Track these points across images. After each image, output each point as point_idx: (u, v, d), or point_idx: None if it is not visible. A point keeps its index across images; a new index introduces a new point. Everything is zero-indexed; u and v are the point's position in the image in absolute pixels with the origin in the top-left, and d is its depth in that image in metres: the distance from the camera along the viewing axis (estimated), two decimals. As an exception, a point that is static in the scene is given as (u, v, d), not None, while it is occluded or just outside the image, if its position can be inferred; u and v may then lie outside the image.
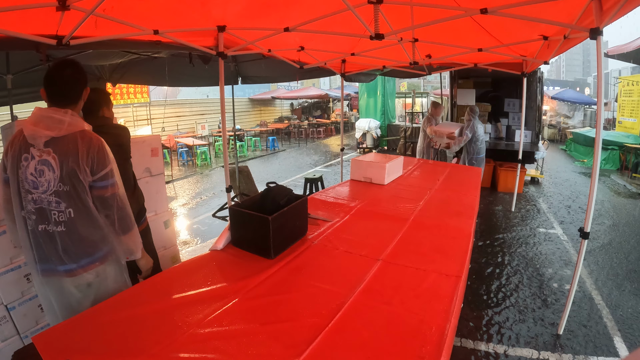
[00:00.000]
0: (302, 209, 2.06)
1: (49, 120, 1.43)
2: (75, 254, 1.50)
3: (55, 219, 1.47)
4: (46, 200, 1.45)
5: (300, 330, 1.25)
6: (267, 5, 2.76)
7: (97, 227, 1.54)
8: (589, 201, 2.30)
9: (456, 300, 1.45)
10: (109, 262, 1.61)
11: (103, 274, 1.59)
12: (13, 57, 3.34)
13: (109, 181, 1.52)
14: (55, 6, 1.94)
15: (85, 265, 1.53)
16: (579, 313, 2.88)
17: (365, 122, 11.77)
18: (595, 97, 7.87)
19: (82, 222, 1.50)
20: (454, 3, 2.57)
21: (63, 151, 1.43)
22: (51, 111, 1.45)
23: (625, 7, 1.89)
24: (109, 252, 1.60)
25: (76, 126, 1.47)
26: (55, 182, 1.44)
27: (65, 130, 1.43)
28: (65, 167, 1.43)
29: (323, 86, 26.16)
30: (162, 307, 1.38)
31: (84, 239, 1.51)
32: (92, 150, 1.47)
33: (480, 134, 5.44)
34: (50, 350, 1.14)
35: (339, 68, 5.12)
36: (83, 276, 1.53)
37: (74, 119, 1.47)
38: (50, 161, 1.43)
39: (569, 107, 15.57)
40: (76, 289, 1.53)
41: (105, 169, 1.50)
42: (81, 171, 1.44)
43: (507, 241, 4.42)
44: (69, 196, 1.46)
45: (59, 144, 1.43)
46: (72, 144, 1.44)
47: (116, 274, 1.66)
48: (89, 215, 1.51)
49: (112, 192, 1.53)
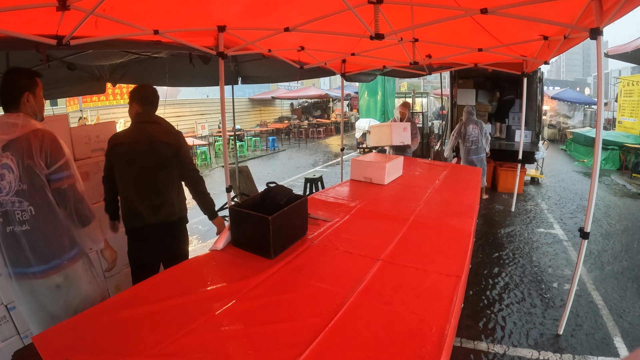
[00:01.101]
0: (302, 209, 2.06)
1: (4, 126, 1.52)
2: (42, 254, 1.54)
3: (19, 219, 1.51)
4: (9, 201, 1.50)
5: (300, 330, 1.25)
6: (267, 5, 2.76)
7: (58, 223, 1.58)
8: (589, 201, 2.30)
9: (456, 300, 1.45)
10: (79, 263, 1.65)
11: (73, 276, 1.62)
12: (13, 57, 3.34)
13: (64, 173, 1.57)
14: (55, 6, 1.94)
15: (55, 266, 1.56)
16: (579, 313, 2.88)
17: (365, 122, 11.76)
18: (595, 97, 7.87)
19: (43, 218, 1.54)
20: (454, 3, 2.57)
21: (18, 150, 1.49)
22: (5, 117, 1.56)
23: (625, 7, 1.90)
24: (78, 254, 1.65)
25: (29, 126, 1.54)
26: (15, 182, 1.50)
27: (18, 132, 1.51)
28: (22, 164, 1.49)
29: (323, 86, 26.15)
30: (162, 307, 1.38)
31: (48, 237, 1.55)
32: (45, 144, 1.53)
33: (471, 135, 5.38)
34: (50, 350, 1.14)
35: (339, 68, 5.12)
36: (51, 278, 1.56)
37: (26, 121, 1.55)
38: (9, 163, 1.49)
39: (569, 107, 15.57)
40: (46, 291, 1.56)
41: (60, 161, 1.56)
42: (36, 166, 1.50)
43: (507, 241, 4.42)
44: (28, 194, 1.51)
45: (15, 145, 1.50)
46: (25, 142, 1.50)
47: (89, 275, 1.69)
48: (50, 211, 1.56)
49: (69, 184, 1.59)
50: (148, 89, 2.24)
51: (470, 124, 5.43)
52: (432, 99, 16.58)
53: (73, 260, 1.63)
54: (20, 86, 1.60)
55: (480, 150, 5.46)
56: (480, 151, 5.46)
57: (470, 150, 5.44)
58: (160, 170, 2.11)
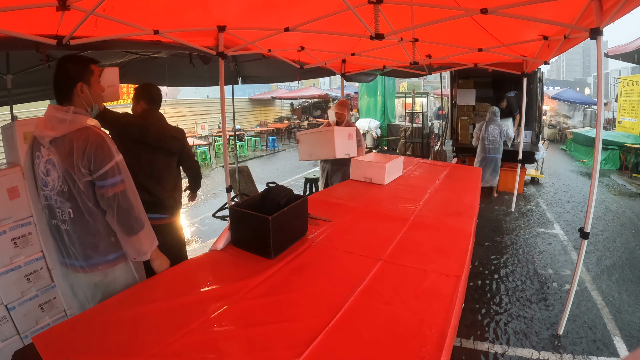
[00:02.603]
0: (302, 209, 2.06)
1: (53, 120, 1.44)
2: (80, 253, 1.51)
3: (60, 217, 1.50)
4: (53, 198, 1.48)
5: (300, 330, 1.25)
6: (267, 5, 2.76)
7: (96, 231, 1.50)
8: (589, 201, 2.30)
9: (456, 300, 1.44)
10: (119, 266, 1.59)
11: (111, 276, 1.57)
12: (13, 57, 3.34)
13: (108, 180, 1.44)
14: (56, 6, 1.94)
15: (93, 265, 1.52)
16: (579, 313, 2.88)
17: (365, 122, 11.78)
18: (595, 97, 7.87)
19: (79, 223, 1.48)
20: (454, 3, 2.57)
21: (62, 151, 1.42)
22: (55, 111, 1.45)
23: (625, 7, 1.90)
24: (119, 258, 1.58)
25: (77, 124, 1.44)
26: (57, 182, 1.46)
27: (65, 129, 1.42)
28: (62, 167, 1.43)
29: (323, 86, 26.16)
30: (162, 307, 1.38)
31: (84, 241, 1.50)
32: (90, 148, 1.41)
33: (491, 134, 5.68)
34: (50, 350, 1.14)
35: (339, 68, 5.12)
36: (91, 275, 1.53)
37: (75, 117, 1.44)
38: (54, 160, 1.44)
39: (569, 107, 15.57)
40: (85, 286, 1.55)
41: (105, 167, 1.43)
42: (75, 171, 1.41)
43: (506, 241, 4.42)
44: (68, 196, 1.46)
45: (59, 143, 1.43)
46: (68, 144, 1.41)
47: (127, 276, 1.62)
48: (88, 218, 1.48)
49: (114, 192, 1.45)
50: (155, 89, 2.35)
51: (492, 124, 5.72)
52: (432, 99, 16.58)
53: (112, 264, 1.56)
54: (71, 77, 1.47)
55: (497, 151, 5.78)
56: (497, 152, 5.77)
57: (489, 149, 5.75)
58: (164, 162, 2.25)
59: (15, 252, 2.13)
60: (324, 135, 3.53)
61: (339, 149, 3.47)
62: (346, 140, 3.59)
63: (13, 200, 2.12)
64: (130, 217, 1.50)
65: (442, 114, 13.92)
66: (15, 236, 2.13)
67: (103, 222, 1.51)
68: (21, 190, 2.14)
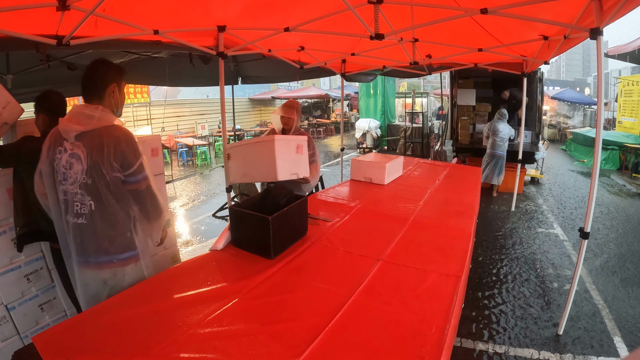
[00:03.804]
0: (302, 209, 2.06)
1: (81, 116, 1.50)
2: (93, 249, 1.54)
3: (77, 211, 1.52)
4: (73, 192, 1.51)
5: (300, 330, 1.25)
6: (267, 5, 2.76)
7: (116, 222, 1.55)
8: (589, 201, 2.30)
9: (456, 300, 1.45)
10: (130, 266, 1.62)
11: (121, 275, 1.60)
12: (13, 57, 3.34)
13: (140, 175, 1.54)
14: (55, 6, 1.94)
15: (103, 262, 1.55)
16: (579, 313, 2.88)
17: (365, 122, 11.77)
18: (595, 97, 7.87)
19: (101, 216, 1.52)
20: (454, 3, 2.57)
21: (90, 144, 1.47)
22: (83, 107, 1.52)
23: (625, 7, 1.90)
24: (131, 258, 1.62)
25: (105, 121, 1.51)
26: (82, 175, 1.49)
27: (93, 125, 1.48)
28: (90, 160, 1.47)
29: (323, 86, 26.16)
30: (162, 307, 1.38)
31: (103, 235, 1.54)
32: (121, 145, 1.48)
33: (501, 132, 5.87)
34: (50, 350, 1.14)
35: (339, 68, 5.12)
36: (101, 272, 1.56)
37: (104, 114, 1.51)
38: (80, 154, 1.48)
39: (569, 107, 15.57)
40: (94, 282, 1.57)
41: (136, 163, 1.52)
42: (105, 165, 1.47)
43: (506, 241, 4.42)
44: (92, 189, 1.49)
45: (88, 137, 1.48)
46: (98, 138, 1.47)
47: (136, 277, 1.65)
48: (109, 210, 1.53)
49: (146, 186, 1.57)
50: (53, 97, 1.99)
51: (501, 123, 5.93)
52: (432, 99, 16.57)
53: (124, 262, 1.60)
54: (108, 77, 1.56)
55: (504, 149, 5.94)
56: (504, 149, 5.94)
57: (498, 146, 5.91)
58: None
59: (15, 252, 2.13)
60: (262, 147, 2.35)
61: (283, 168, 2.31)
62: (293, 154, 2.44)
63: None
64: (155, 208, 1.63)
65: (442, 114, 13.92)
66: (15, 236, 2.13)
67: (122, 216, 1.57)
68: (21, 190, 2.14)
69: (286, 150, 2.39)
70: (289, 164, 2.39)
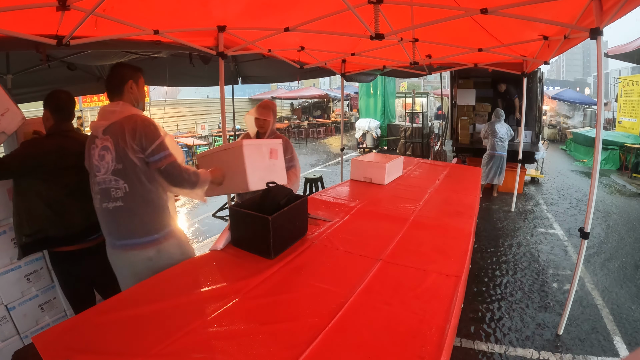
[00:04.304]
0: (302, 209, 2.06)
1: (105, 113, 1.71)
2: (135, 229, 1.69)
3: (114, 196, 1.67)
4: (107, 180, 1.67)
5: (300, 330, 1.25)
6: (267, 5, 2.76)
7: (150, 201, 1.70)
8: (589, 201, 2.30)
9: (456, 300, 1.45)
10: (171, 241, 1.78)
11: (165, 250, 1.76)
12: (13, 57, 3.34)
13: (161, 154, 1.66)
14: (55, 6, 1.94)
15: (148, 241, 1.71)
16: (579, 313, 2.88)
17: (365, 122, 11.77)
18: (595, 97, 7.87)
19: (136, 196, 1.67)
20: (454, 3, 2.57)
21: (115, 133, 1.64)
22: (107, 106, 1.74)
23: (625, 7, 1.90)
24: (168, 234, 1.78)
25: (125, 112, 1.68)
26: (113, 163, 1.65)
27: (116, 118, 1.67)
28: (117, 146, 1.63)
29: (323, 86, 26.16)
30: (162, 307, 1.38)
31: (140, 213, 1.69)
32: (139, 128, 1.63)
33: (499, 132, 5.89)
34: (50, 350, 1.14)
35: (339, 68, 5.12)
36: (145, 251, 1.71)
37: (124, 108, 1.70)
38: (108, 145, 1.65)
39: (569, 107, 15.57)
40: (139, 262, 1.71)
41: (155, 143, 1.65)
42: (129, 148, 1.62)
43: (506, 241, 4.42)
44: (124, 173, 1.65)
45: (112, 129, 1.66)
46: (120, 128, 1.64)
47: (180, 246, 1.83)
48: (142, 190, 1.68)
49: (168, 163, 1.68)
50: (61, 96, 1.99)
51: (498, 124, 5.94)
52: (432, 99, 16.57)
53: (165, 238, 1.76)
54: (124, 75, 1.75)
55: (504, 149, 5.95)
56: (504, 149, 5.94)
57: (498, 146, 5.92)
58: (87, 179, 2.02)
59: (15, 252, 2.12)
60: (230, 154, 2.10)
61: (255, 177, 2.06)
62: (266, 160, 2.18)
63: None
64: (184, 180, 1.75)
65: (441, 114, 13.92)
66: (15, 236, 2.13)
67: (156, 194, 1.72)
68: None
69: (257, 157, 2.14)
70: (262, 172, 2.13)
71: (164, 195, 1.76)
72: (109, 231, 1.74)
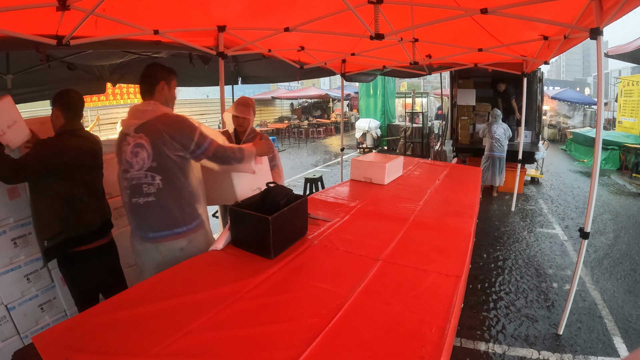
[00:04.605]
0: (302, 209, 2.06)
1: (137, 112, 1.75)
2: (166, 222, 1.76)
3: (145, 192, 1.73)
4: (141, 176, 1.72)
5: (300, 330, 1.25)
6: (267, 5, 2.76)
7: (182, 195, 1.78)
8: (589, 201, 2.30)
9: (456, 300, 1.44)
10: (200, 232, 1.88)
11: (195, 240, 1.86)
12: (13, 57, 3.34)
13: (204, 145, 1.76)
14: (55, 6, 1.94)
15: (179, 233, 1.79)
16: (579, 313, 2.88)
17: (365, 122, 11.77)
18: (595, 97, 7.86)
19: (169, 193, 1.74)
20: (454, 3, 2.57)
21: (150, 132, 1.70)
22: (139, 105, 1.79)
23: (625, 7, 1.90)
24: (199, 225, 1.87)
25: (157, 112, 1.74)
26: (149, 160, 1.70)
27: (148, 116, 1.72)
28: (153, 144, 1.69)
29: (323, 86, 26.17)
30: (162, 307, 1.38)
31: (172, 207, 1.76)
32: (173, 129, 1.70)
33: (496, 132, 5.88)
34: (50, 350, 1.14)
35: (339, 68, 5.12)
36: (177, 242, 1.80)
37: (156, 107, 1.75)
38: (143, 143, 1.70)
39: (569, 107, 15.57)
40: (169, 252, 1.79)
41: (194, 137, 1.73)
42: (167, 147, 1.69)
43: (507, 241, 4.42)
44: (159, 169, 1.71)
45: (146, 128, 1.71)
46: (154, 126, 1.70)
47: (206, 235, 1.95)
48: (176, 185, 1.75)
49: (213, 150, 1.79)
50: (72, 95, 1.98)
51: (495, 124, 5.93)
52: (432, 99, 16.57)
53: (194, 230, 1.85)
54: (157, 76, 1.81)
55: (503, 150, 5.93)
56: (503, 150, 5.93)
57: (495, 147, 5.92)
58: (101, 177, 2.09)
59: (15, 252, 2.13)
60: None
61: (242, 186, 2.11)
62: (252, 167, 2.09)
63: (13, 200, 2.12)
64: (232, 158, 1.88)
65: (441, 114, 13.92)
66: (15, 236, 2.13)
67: (190, 189, 1.81)
68: (21, 190, 2.14)
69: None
70: (249, 181, 2.15)
71: (198, 189, 1.86)
72: (138, 225, 1.80)
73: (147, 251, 1.82)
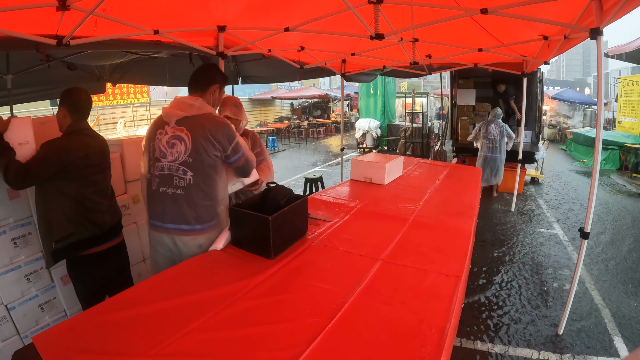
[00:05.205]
0: (302, 209, 2.06)
1: (183, 104, 1.76)
2: (189, 217, 1.78)
3: (176, 184, 1.75)
4: (173, 167, 1.74)
5: (300, 330, 1.25)
6: (267, 5, 2.76)
7: (209, 195, 1.80)
8: (589, 201, 2.30)
9: (456, 300, 1.44)
10: (217, 229, 1.90)
11: (213, 238, 1.88)
12: (13, 57, 3.34)
13: (239, 154, 1.84)
14: (55, 6, 1.94)
15: (201, 229, 1.82)
16: (579, 313, 2.88)
17: (365, 122, 11.77)
18: (595, 97, 7.86)
19: (199, 189, 1.76)
20: (454, 3, 2.56)
21: (193, 128, 1.72)
22: (185, 98, 1.80)
23: (625, 7, 1.90)
24: (219, 222, 1.90)
25: (204, 109, 1.77)
26: (185, 154, 1.72)
27: (194, 112, 1.74)
28: (195, 141, 1.71)
29: (323, 86, 26.18)
30: (162, 307, 1.38)
31: (198, 204, 1.78)
32: (218, 131, 1.74)
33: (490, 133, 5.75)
34: (50, 350, 1.14)
35: (339, 68, 5.12)
36: (197, 237, 1.82)
37: (203, 105, 1.78)
38: (183, 136, 1.72)
39: (569, 107, 15.57)
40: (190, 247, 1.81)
41: (233, 143, 1.79)
42: (209, 146, 1.72)
43: (506, 241, 4.42)
44: (193, 166, 1.73)
45: (190, 122, 1.73)
46: (199, 123, 1.72)
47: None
48: (206, 184, 1.78)
49: (244, 160, 1.88)
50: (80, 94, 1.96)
51: (492, 124, 5.79)
52: (432, 99, 16.57)
53: (213, 227, 1.87)
54: (214, 78, 1.87)
55: (497, 151, 5.78)
56: (496, 151, 5.78)
57: (488, 148, 5.81)
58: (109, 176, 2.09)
59: (15, 252, 2.13)
60: None
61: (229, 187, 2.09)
62: None
63: (13, 200, 2.12)
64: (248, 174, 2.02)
65: (443, 114, 13.92)
66: (15, 236, 2.13)
67: (218, 189, 1.84)
68: (21, 190, 2.14)
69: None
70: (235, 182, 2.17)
71: (225, 190, 1.91)
72: (159, 213, 1.80)
73: (161, 240, 1.84)
